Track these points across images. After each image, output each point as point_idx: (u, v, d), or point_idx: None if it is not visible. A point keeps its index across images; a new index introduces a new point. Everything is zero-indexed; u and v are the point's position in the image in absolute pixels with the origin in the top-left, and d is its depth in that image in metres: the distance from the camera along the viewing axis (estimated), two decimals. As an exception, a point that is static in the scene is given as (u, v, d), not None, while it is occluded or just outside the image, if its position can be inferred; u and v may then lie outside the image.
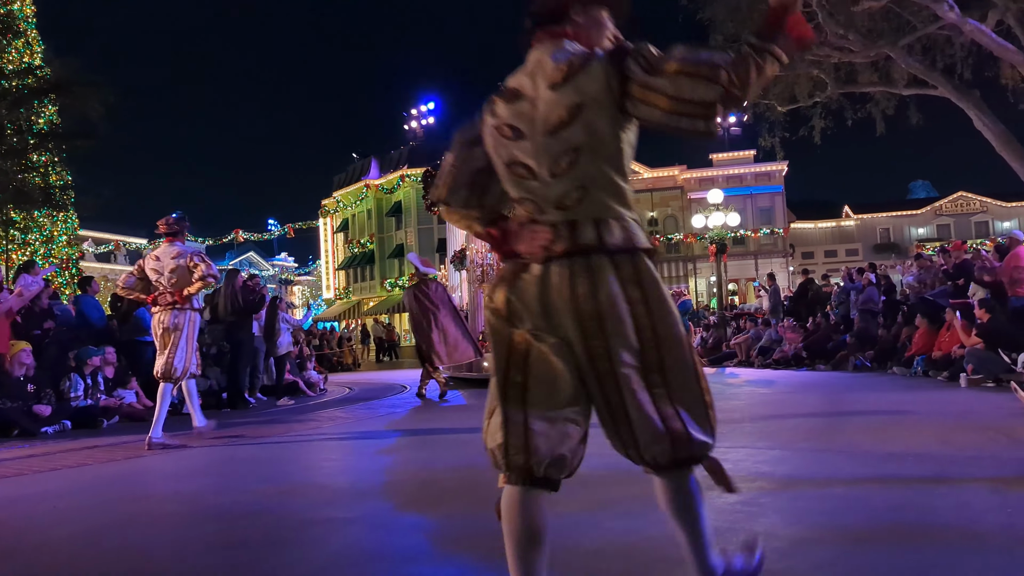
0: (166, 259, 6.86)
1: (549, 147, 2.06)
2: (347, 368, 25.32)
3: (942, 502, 3.72)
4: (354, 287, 50.22)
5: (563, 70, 2.04)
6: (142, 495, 4.74)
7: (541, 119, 2.06)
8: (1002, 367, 9.17)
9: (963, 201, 48.46)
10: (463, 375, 12.84)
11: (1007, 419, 6.45)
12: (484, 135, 2.21)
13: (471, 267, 13.01)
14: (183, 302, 6.79)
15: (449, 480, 4.87)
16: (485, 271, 12.61)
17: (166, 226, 7.04)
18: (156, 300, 6.84)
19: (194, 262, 6.81)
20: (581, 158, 2.04)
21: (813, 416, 7.47)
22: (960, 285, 11.77)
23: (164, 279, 6.82)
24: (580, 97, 2.01)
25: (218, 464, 6.06)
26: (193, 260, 6.83)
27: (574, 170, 2.05)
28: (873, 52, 20.60)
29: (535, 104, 2.08)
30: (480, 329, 12.42)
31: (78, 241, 27.90)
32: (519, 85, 2.14)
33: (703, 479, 2.30)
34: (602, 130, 2.02)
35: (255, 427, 8.32)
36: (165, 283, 6.81)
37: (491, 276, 12.45)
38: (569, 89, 2.02)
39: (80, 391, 8.98)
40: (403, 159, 46.69)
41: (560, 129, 2.04)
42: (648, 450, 2.14)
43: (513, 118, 2.12)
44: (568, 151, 2.04)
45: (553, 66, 2.06)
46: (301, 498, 4.50)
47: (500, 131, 2.15)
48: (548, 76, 2.06)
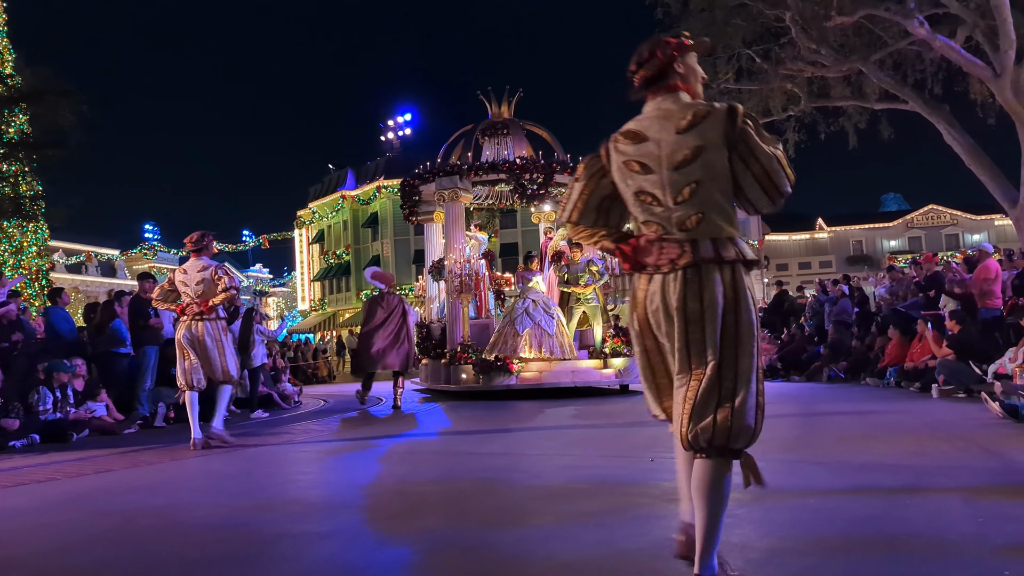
0: (193, 272, 7.34)
1: (674, 180, 2.56)
2: (322, 380, 25.16)
3: (915, 512, 3.75)
4: (330, 298, 49.96)
5: (688, 119, 2.55)
6: (112, 510, 4.66)
7: (667, 157, 2.57)
8: (973, 378, 9.28)
9: (934, 214, 49.16)
10: (440, 387, 12.71)
11: (978, 429, 6.52)
12: (611, 168, 2.71)
13: (449, 277, 12.71)
14: (208, 312, 7.28)
15: (426, 493, 4.84)
16: (464, 281, 12.38)
17: (192, 243, 7.51)
18: (184, 310, 7.30)
19: (218, 275, 7.32)
20: (700, 189, 2.53)
21: (787, 427, 7.50)
22: (932, 297, 11.92)
23: (191, 291, 7.30)
24: (702, 141, 2.53)
25: (190, 478, 5.98)
26: (217, 273, 7.34)
27: (694, 198, 2.54)
28: (845, 67, 20.88)
29: (660, 145, 2.58)
30: (459, 339, 12.34)
31: (48, 252, 27.49)
32: (643, 129, 2.65)
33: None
34: (718, 167, 2.53)
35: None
36: (192, 294, 7.29)
37: (469, 286, 12.45)
38: (693, 134, 2.54)
39: (49, 404, 8.82)
40: (379, 170, 46.60)
41: (684, 166, 2.54)
42: (692, 432, 2.49)
43: (640, 156, 2.62)
44: (690, 183, 2.54)
45: (680, 115, 2.58)
46: (274, 512, 4.45)
47: (628, 166, 2.65)
48: (675, 123, 2.57)
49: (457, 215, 13.32)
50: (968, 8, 18.73)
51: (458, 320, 12.66)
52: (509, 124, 14.14)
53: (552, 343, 12.11)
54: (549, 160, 13.19)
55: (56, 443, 8.26)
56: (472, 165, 13.29)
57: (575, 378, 12.03)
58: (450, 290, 12.84)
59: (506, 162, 13.18)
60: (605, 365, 12.40)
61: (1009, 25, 17.69)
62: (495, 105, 14.39)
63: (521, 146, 13.86)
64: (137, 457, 7.09)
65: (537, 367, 12.01)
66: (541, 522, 3.89)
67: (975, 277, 11.03)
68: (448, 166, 13.54)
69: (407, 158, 40.85)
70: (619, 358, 12.43)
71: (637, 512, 3.97)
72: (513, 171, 12.98)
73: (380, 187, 45.27)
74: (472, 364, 12.02)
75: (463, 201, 13.51)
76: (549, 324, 12.22)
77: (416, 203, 14.48)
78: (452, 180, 13.18)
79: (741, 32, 21.67)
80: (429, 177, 13.70)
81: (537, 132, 14.51)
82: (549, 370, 12.03)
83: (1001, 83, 18.70)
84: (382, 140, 50.95)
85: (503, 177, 13.31)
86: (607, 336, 12.68)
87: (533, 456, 6.37)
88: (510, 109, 14.42)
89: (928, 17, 18.98)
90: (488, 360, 11.95)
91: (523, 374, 11.89)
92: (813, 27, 20.07)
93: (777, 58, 21.65)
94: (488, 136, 14.25)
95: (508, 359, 11.85)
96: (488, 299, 13.75)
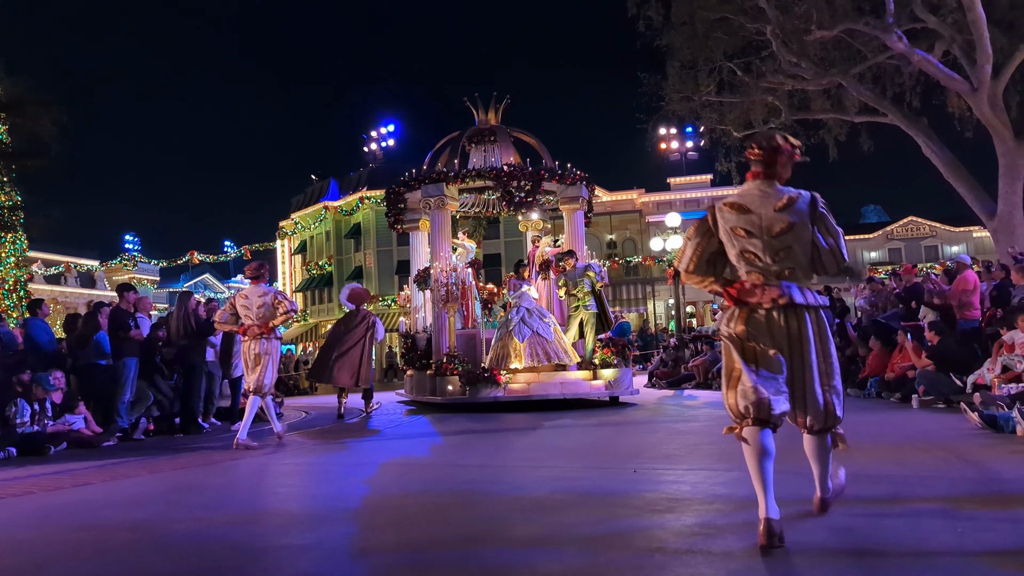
0: (254, 297, 8.41)
1: (772, 244, 3.55)
2: (303, 392, 24.99)
3: (895, 521, 3.78)
4: (312, 309, 49.69)
5: (784, 202, 3.56)
6: (90, 524, 4.60)
7: (767, 228, 3.55)
8: (952, 388, 9.36)
9: (913, 226, 49.58)
10: (425, 399, 12.53)
11: (958, 440, 6.58)
12: (717, 231, 3.67)
13: (435, 286, 12.41)
14: (268, 332, 8.36)
15: (408, 505, 4.82)
16: (450, 290, 12.15)
17: (251, 271, 8.66)
18: (246, 331, 8.38)
19: (278, 299, 8.44)
20: (791, 251, 3.55)
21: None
22: (912, 307, 12.01)
23: (252, 314, 8.35)
24: (795, 218, 3.54)
25: (170, 491, 5.92)
26: (277, 298, 8.46)
27: (787, 258, 3.56)
28: (825, 80, 21.12)
29: (762, 218, 3.56)
30: (445, 350, 12.17)
31: (27, 263, 27.17)
32: (747, 203, 3.60)
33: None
34: (804, 236, 3.55)
35: (209, 452, 8.15)
36: (254, 317, 8.34)
37: (455, 295, 12.18)
38: (788, 212, 3.54)
39: (27, 417, 8.71)
40: (362, 181, 46.47)
41: (780, 235, 3.54)
42: (810, 419, 3.65)
43: (745, 225, 3.57)
44: (784, 247, 3.55)
45: (777, 198, 3.58)
46: (255, 525, 4.41)
47: (735, 231, 3.60)
48: (773, 203, 3.56)
49: (443, 223, 13.08)
50: (945, 23, 19.02)
51: (444, 330, 12.43)
52: (496, 131, 13.88)
53: (554, 349, 11.79)
54: (537, 167, 12.98)
55: (33, 456, 8.15)
56: (459, 172, 13.08)
57: (564, 390, 11.77)
58: (436, 300, 12.54)
59: (493, 169, 12.97)
60: (595, 376, 12.12)
61: (986, 40, 17.97)
62: (482, 112, 14.17)
63: (508, 153, 13.62)
64: (116, 470, 7.01)
65: (525, 378, 11.74)
66: (524, 534, 3.88)
67: (954, 288, 11.14)
68: (434, 173, 13.31)
69: (390, 169, 40.78)
70: (609, 369, 12.18)
71: (619, 523, 3.97)
72: (500, 178, 12.77)
73: (363, 198, 45.13)
74: (459, 375, 11.77)
75: (449, 209, 13.27)
76: (547, 331, 11.95)
77: (401, 211, 14.26)
78: (438, 187, 12.99)
79: (722, 45, 21.89)
80: (415, 184, 13.50)
81: (525, 139, 14.32)
82: (538, 381, 11.75)
83: (978, 97, 18.98)
84: (365, 151, 50.90)
85: (490, 184, 13.14)
86: (597, 347, 12.42)
87: (515, 467, 6.36)
88: (497, 116, 14.20)
89: (906, 32, 19.26)
90: (475, 372, 11.73)
91: (511, 385, 11.63)
92: (793, 40, 20.31)
93: (758, 71, 21.88)
94: (475, 143, 13.99)
95: (496, 370, 11.63)
96: (475, 309, 13.51)
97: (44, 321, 10.73)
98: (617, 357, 12.34)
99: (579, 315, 12.51)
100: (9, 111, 21.94)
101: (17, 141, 23.47)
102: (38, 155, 22.59)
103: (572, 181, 13.34)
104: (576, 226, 13.71)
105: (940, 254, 47.07)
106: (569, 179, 13.29)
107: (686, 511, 4.19)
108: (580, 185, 13.48)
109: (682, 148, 44.12)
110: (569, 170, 13.29)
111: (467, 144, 14.01)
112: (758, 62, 21.91)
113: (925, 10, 18.78)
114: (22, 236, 24.71)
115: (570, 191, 13.45)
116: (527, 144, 14.28)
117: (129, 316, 9.98)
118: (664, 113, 23.81)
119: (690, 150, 43.72)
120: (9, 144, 23.40)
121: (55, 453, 8.45)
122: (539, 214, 15.16)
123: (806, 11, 19.46)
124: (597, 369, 12.17)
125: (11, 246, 24.30)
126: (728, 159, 24.17)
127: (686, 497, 4.58)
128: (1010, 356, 8.54)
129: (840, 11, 19.35)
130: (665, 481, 5.26)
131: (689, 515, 4.08)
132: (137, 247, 57.72)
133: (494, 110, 14.16)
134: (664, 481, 5.26)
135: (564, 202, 13.62)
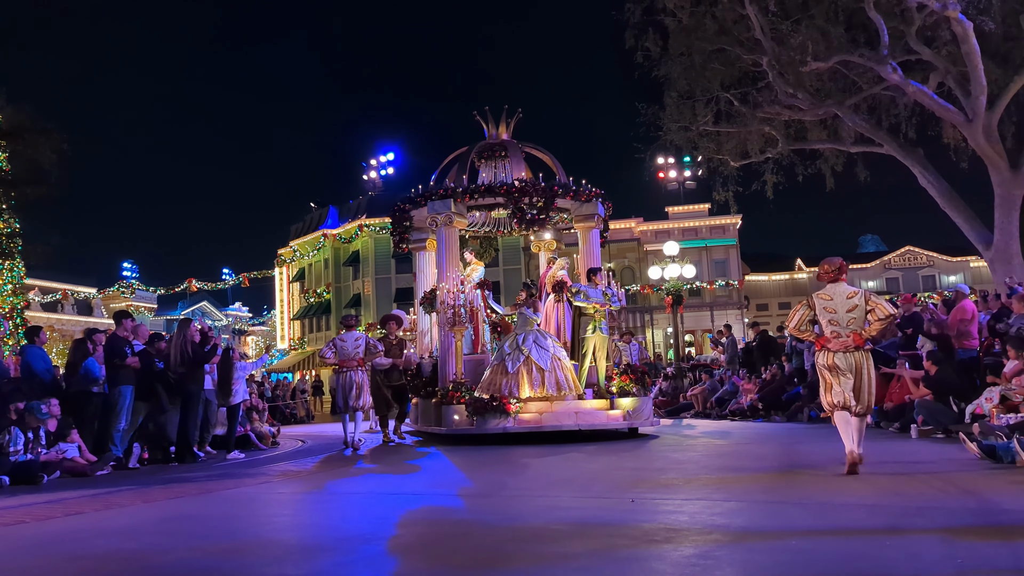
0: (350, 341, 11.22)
1: (845, 318, 6.62)
2: (300, 420, 24.88)
3: (894, 552, 3.75)
4: (309, 337, 49.60)
5: (851, 295, 6.68)
6: (82, 554, 4.56)
7: (842, 309, 6.65)
8: (951, 418, 9.33)
9: (911, 255, 49.75)
10: (431, 430, 11.77)
11: (956, 470, 6.55)
12: (814, 306, 6.77)
13: (441, 308, 11.63)
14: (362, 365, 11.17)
15: (403, 535, 4.78)
16: (457, 312, 11.42)
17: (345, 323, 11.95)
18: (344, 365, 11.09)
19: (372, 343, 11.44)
20: (855, 321, 6.60)
21: (768, 467, 7.51)
22: (909, 335, 12.00)
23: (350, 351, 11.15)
24: (858, 303, 6.63)
25: (164, 520, 5.87)
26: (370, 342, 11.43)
27: (853, 325, 6.60)
28: (821, 110, 21.28)
29: (838, 304, 6.67)
30: (451, 376, 11.47)
31: (24, 290, 27.18)
32: (831, 296, 6.72)
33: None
34: (862, 314, 6.61)
35: (204, 481, 8.09)
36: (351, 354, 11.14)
37: (463, 318, 11.51)
38: (854, 301, 6.64)
39: (20, 445, 8.65)
40: (361, 209, 46.62)
41: (850, 312, 6.62)
42: (860, 407, 6.54)
43: (830, 307, 6.69)
44: (852, 320, 6.61)
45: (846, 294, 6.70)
46: (250, 555, 4.37)
47: (826, 309, 6.69)
48: (845, 295, 6.69)
49: (450, 242, 12.27)
50: (940, 55, 19.21)
51: (450, 355, 11.64)
52: (507, 146, 13.20)
53: (550, 379, 11.02)
54: (550, 183, 12.25)
55: (26, 485, 8.09)
56: (467, 188, 12.32)
57: (579, 420, 10.88)
58: (442, 323, 11.79)
59: (504, 184, 12.23)
60: (612, 406, 11.30)
61: (980, 72, 18.13)
62: (492, 126, 13.48)
63: (520, 169, 12.86)
64: (109, 499, 6.95)
65: (536, 407, 10.93)
66: (521, 564, 3.84)
67: (952, 318, 11.14)
68: (441, 189, 12.54)
69: (389, 197, 40.94)
70: (627, 398, 11.38)
71: (617, 554, 3.94)
72: (511, 194, 12.08)
73: (362, 226, 45.27)
74: (465, 404, 10.96)
75: (457, 227, 12.51)
76: (543, 357, 11.11)
77: (407, 228, 13.54)
78: (445, 204, 12.20)
79: (719, 76, 22.08)
80: (421, 201, 12.75)
81: (537, 155, 13.65)
82: (550, 411, 10.92)
83: (973, 128, 19.11)
84: (364, 179, 51.11)
85: (500, 201, 12.33)
86: (613, 373, 11.76)
87: (513, 497, 6.31)
88: (508, 130, 13.51)
89: (901, 63, 19.45)
90: (482, 400, 10.88)
91: (521, 415, 10.79)
92: (789, 72, 20.48)
93: (755, 101, 22.04)
94: (485, 159, 13.38)
95: (504, 399, 10.77)
96: (484, 332, 12.86)
97: (41, 349, 10.69)
98: (636, 385, 11.70)
99: (593, 339, 11.72)
100: (9, 139, 22.05)
101: (17, 168, 23.58)
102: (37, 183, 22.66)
103: (587, 198, 12.65)
104: (592, 245, 12.96)
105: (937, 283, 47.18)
106: (584, 196, 12.60)
107: (684, 541, 4.15)
108: (596, 202, 12.79)
109: (680, 177, 44.39)
110: (584, 186, 12.63)
111: (476, 160, 13.44)
112: (755, 93, 22.09)
113: (919, 42, 18.97)
114: (20, 263, 24.73)
115: (585, 208, 12.79)
116: (539, 161, 13.70)
117: (125, 343, 9.95)
118: (662, 143, 23.97)
119: (688, 179, 44.00)
120: (8, 172, 23.51)
121: (48, 482, 8.38)
122: (552, 234, 14.42)
123: (802, 43, 19.65)
124: (615, 398, 11.42)
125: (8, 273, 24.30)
126: (725, 188, 24.27)
127: (684, 527, 4.55)
128: (1008, 386, 8.51)
129: (835, 43, 19.55)
130: (663, 511, 5.22)
131: (687, 545, 4.05)
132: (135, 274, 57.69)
133: (505, 124, 13.56)
134: (662, 511, 5.22)
135: (579, 220, 12.99)
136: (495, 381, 11.13)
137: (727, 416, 15.18)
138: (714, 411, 15.74)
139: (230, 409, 11.37)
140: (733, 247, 46.69)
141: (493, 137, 13.47)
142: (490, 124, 13.54)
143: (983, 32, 17.92)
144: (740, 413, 14.86)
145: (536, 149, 13.68)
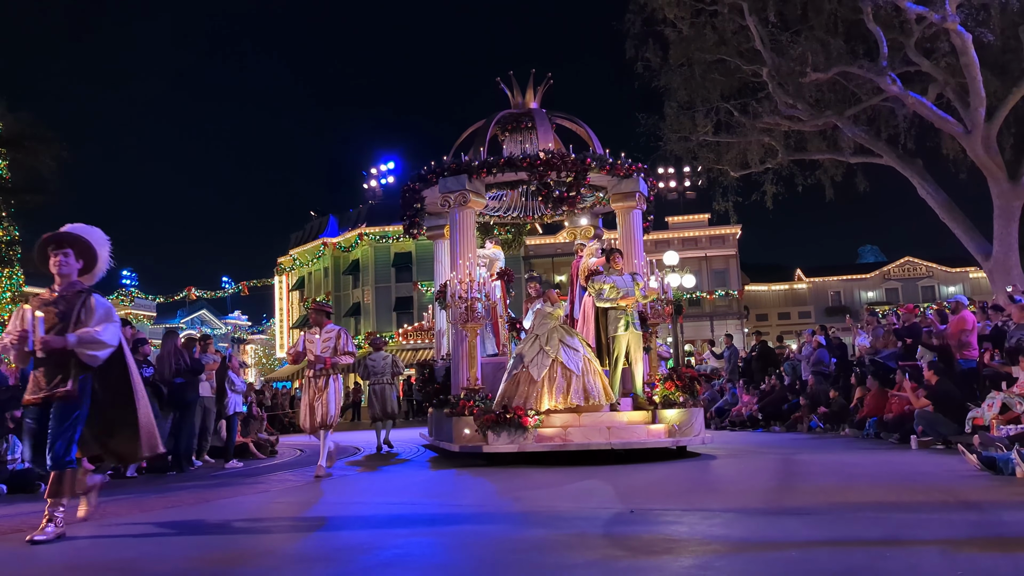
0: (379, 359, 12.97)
1: None
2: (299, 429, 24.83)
3: (893, 564, 3.73)
4: (309, 346, 49.54)
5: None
6: (78, 564, 4.54)
7: None
8: (951, 429, 9.31)
9: (910, 266, 49.79)
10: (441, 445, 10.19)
11: (956, 481, 6.53)
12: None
13: (453, 302, 9.68)
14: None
15: (402, 545, 4.76)
16: (470, 306, 9.51)
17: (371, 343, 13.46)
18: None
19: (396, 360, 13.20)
20: None
21: (767, 478, 7.49)
22: (909, 345, 12.00)
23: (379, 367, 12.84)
24: None
25: (160, 530, 5.84)
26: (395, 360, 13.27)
27: None
28: (821, 121, 21.33)
29: None
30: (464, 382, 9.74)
31: (23, 298, 27.18)
32: None
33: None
34: None
35: (201, 490, 8.07)
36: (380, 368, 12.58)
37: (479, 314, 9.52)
38: None
39: (18, 453, 8.63)
40: (362, 217, 46.64)
41: None
42: None
43: None
44: None
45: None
46: (247, 565, 4.35)
47: None
48: None
49: (465, 224, 10.47)
50: (939, 67, 19.27)
51: (463, 358, 9.84)
52: (534, 115, 11.29)
53: (577, 385, 9.17)
54: (581, 155, 10.33)
55: (24, 493, 8.08)
56: (484, 161, 10.47)
57: (612, 437, 9.02)
58: (454, 319, 9.85)
59: (526, 157, 10.27)
60: (654, 419, 9.50)
61: (979, 83, 18.19)
62: (518, 94, 11.57)
63: (548, 141, 10.95)
64: (106, 508, 6.92)
65: (561, 421, 9.15)
66: (520, 574, 3.82)
67: (952, 328, 11.14)
68: (454, 163, 10.69)
69: (389, 206, 41.00)
70: (672, 409, 9.58)
71: (616, 564, 3.92)
72: (535, 168, 10.17)
73: (362, 234, 45.29)
74: (475, 416, 9.27)
75: (473, 207, 10.62)
76: (573, 359, 9.28)
77: (417, 211, 11.67)
78: (459, 180, 10.43)
79: (719, 86, 22.15)
80: (432, 178, 10.94)
81: (569, 126, 11.85)
82: (577, 425, 9.12)
83: (972, 139, 19.15)
84: (365, 188, 51.18)
85: (523, 176, 10.44)
86: (656, 379, 9.97)
87: (512, 506, 6.29)
88: (537, 98, 11.60)
89: (900, 75, 19.51)
90: (492, 412, 9.16)
91: (542, 430, 9.03)
92: (789, 83, 20.54)
93: (755, 112, 22.09)
94: (509, 131, 11.57)
95: (520, 410, 8.98)
96: (504, 330, 11.08)
97: (39, 356, 10.66)
98: (683, 393, 9.84)
99: (626, 337, 9.73)
100: (9, 147, 22.09)
101: (16, 176, 23.63)
102: (37, 191, 22.70)
103: (626, 172, 10.70)
104: (633, 229, 10.94)
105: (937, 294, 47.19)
106: (622, 170, 10.65)
107: (683, 552, 4.13)
108: (636, 178, 10.81)
109: (679, 187, 44.47)
110: (623, 159, 10.69)
111: (500, 134, 11.69)
112: (755, 103, 22.15)
113: (918, 54, 19.03)
114: (19, 271, 24.77)
115: (624, 185, 10.83)
116: (571, 134, 11.84)
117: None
118: (662, 153, 24.03)
119: (687, 189, 44.08)
120: (9, 179, 23.56)
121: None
122: (589, 219, 12.13)
123: (801, 54, 19.72)
124: (657, 409, 9.63)
125: (8, 281, 24.35)
126: (725, 198, 24.32)
127: (683, 538, 4.53)
128: (1010, 395, 8.50)
129: (835, 54, 19.61)
130: (663, 522, 5.20)
131: (686, 556, 4.03)
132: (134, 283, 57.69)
133: (532, 91, 11.63)
134: (662, 522, 5.20)
135: (617, 199, 10.99)
136: (521, 392, 9.28)
137: (727, 426, 15.16)
138: (714, 421, 15.72)
139: (228, 419, 11.36)
140: (733, 257, 46.75)
141: (519, 106, 11.63)
142: (515, 91, 11.68)
143: (982, 44, 17.99)
144: (740, 423, 14.83)
145: (568, 119, 11.87)
